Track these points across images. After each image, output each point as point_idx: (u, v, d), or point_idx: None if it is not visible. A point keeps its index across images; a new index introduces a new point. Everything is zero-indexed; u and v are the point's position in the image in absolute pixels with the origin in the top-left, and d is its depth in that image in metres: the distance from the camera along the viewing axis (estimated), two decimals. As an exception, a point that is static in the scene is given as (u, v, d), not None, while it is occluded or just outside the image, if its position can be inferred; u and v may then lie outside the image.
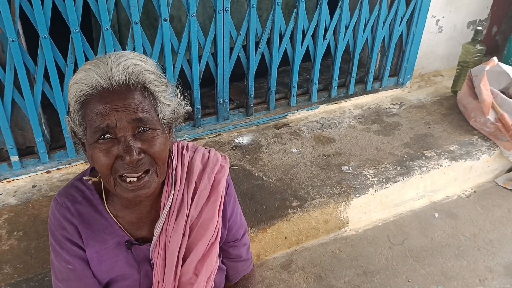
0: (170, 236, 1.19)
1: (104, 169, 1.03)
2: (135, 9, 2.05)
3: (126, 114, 0.99)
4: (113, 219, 1.18)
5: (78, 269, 1.16)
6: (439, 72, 3.34)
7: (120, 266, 1.20)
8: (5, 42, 1.91)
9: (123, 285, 1.22)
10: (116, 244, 1.18)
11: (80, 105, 1.01)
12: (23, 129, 2.15)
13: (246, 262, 1.44)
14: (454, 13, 3.11)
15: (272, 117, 2.71)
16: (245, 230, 1.40)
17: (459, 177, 2.54)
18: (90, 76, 0.99)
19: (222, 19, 2.26)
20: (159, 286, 1.21)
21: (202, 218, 1.22)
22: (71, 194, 1.17)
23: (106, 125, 0.99)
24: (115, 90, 0.99)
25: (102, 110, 0.98)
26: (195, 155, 1.25)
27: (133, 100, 1.00)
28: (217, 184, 1.23)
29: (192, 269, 1.22)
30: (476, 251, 2.22)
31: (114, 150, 1.01)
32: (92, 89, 0.99)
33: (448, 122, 2.79)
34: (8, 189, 2.16)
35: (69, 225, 1.15)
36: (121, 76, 0.99)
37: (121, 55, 1.02)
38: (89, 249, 1.17)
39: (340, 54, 2.73)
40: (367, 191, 2.25)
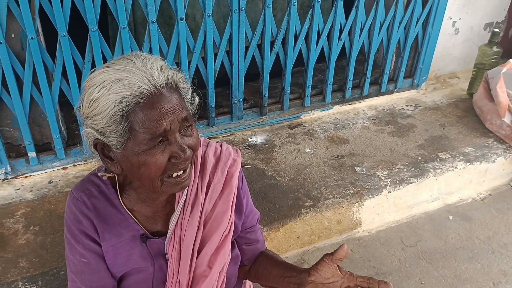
0: (185, 230, 1.20)
1: (157, 172, 1.03)
2: (152, 8, 2.07)
3: (176, 115, 1.00)
4: (128, 213, 1.19)
5: (92, 262, 1.18)
6: (455, 74, 3.31)
7: (135, 259, 1.21)
8: (24, 39, 1.95)
9: (137, 278, 1.23)
10: (131, 237, 1.20)
11: (126, 115, 0.98)
12: (41, 126, 2.19)
13: (262, 243, 1.46)
14: (471, 15, 3.08)
15: (286, 117, 2.71)
16: (258, 217, 1.43)
17: (474, 180, 2.52)
18: (131, 82, 0.96)
19: (237, 19, 2.28)
20: (174, 279, 1.22)
21: (216, 211, 1.23)
22: (87, 189, 1.18)
23: (163, 129, 0.98)
24: (161, 93, 0.98)
25: (156, 116, 0.98)
26: (207, 150, 1.27)
27: (177, 101, 1.01)
28: (230, 177, 1.25)
29: (206, 262, 1.23)
30: (490, 254, 2.20)
31: (166, 152, 1.02)
32: (139, 96, 0.97)
33: (464, 124, 2.77)
34: (25, 184, 2.20)
35: (85, 219, 1.16)
36: (161, 78, 0.99)
37: (145, 57, 1.01)
38: (105, 242, 1.18)
39: (355, 55, 2.72)
40: (381, 192, 2.24)
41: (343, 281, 1.09)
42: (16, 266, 1.80)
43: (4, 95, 2.01)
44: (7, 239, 1.91)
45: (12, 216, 2.03)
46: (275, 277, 1.30)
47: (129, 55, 1.02)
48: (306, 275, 1.14)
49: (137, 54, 1.03)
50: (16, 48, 1.96)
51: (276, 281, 1.29)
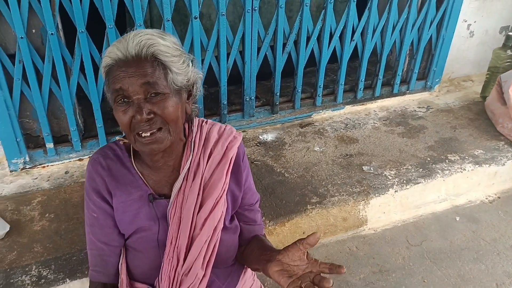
0: (187, 195, 1.32)
1: (124, 127, 1.20)
2: (167, 7, 2.14)
3: (136, 79, 1.14)
4: (138, 175, 1.32)
5: (100, 218, 1.32)
6: (470, 77, 3.31)
7: (141, 218, 1.33)
8: (44, 35, 2.04)
9: (142, 236, 1.34)
10: (140, 197, 1.32)
11: (105, 74, 1.19)
12: (59, 118, 2.28)
13: (260, 227, 1.54)
14: (486, 18, 3.08)
15: (297, 115, 2.76)
16: (257, 199, 1.52)
17: (482, 182, 2.52)
18: (113, 50, 1.16)
19: (250, 18, 2.33)
20: (172, 245, 1.32)
21: (213, 179, 1.35)
22: (104, 151, 1.33)
23: (119, 87, 1.14)
24: (129, 60, 1.14)
25: (118, 76, 1.14)
26: (213, 127, 1.40)
27: (143, 68, 1.15)
28: (228, 150, 1.37)
29: (200, 225, 1.34)
30: (495, 256, 2.20)
31: (130, 111, 1.17)
32: (112, 60, 1.16)
33: (475, 127, 2.77)
34: (43, 174, 2.29)
35: (98, 177, 1.30)
36: (134, 49, 1.14)
37: (140, 32, 1.17)
38: (116, 199, 1.31)
39: (367, 56, 2.75)
40: (387, 191, 2.27)
41: (307, 266, 1.14)
42: (31, 250, 1.88)
43: (24, 88, 2.10)
44: (24, 225, 2.00)
45: (29, 203, 2.12)
46: (255, 256, 1.37)
47: (140, 29, 1.19)
48: (276, 254, 1.20)
49: (145, 29, 1.19)
50: (37, 43, 2.05)
51: (255, 260, 1.36)
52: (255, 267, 1.38)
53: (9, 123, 2.13)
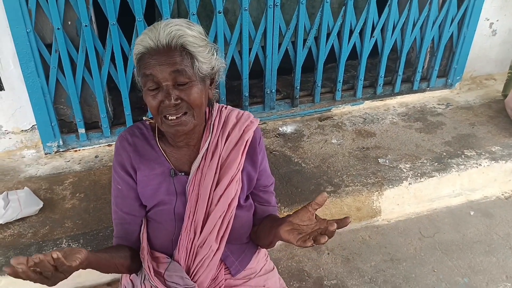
0: (205, 173, 1.43)
1: (153, 110, 1.30)
2: (193, 1, 2.27)
3: (166, 67, 1.24)
4: (161, 152, 1.44)
5: (124, 190, 1.44)
6: (492, 76, 3.32)
7: (162, 192, 1.44)
8: (79, 26, 2.19)
9: (161, 209, 1.45)
10: (161, 172, 1.43)
11: (137, 60, 1.29)
12: (90, 105, 2.43)
13: (274, 209, 1.63)
14: (509, 17, 3.09)
15: (317, 109, 2.84)
16: (272, 182, 1.61)
17: (499, 178, 2.55)
18: (145, 39, 1.26)
19: (272, 14, 2.43)
20: (190, 219, 1.44)
21: (229, 159, 1.45)
22: (132, 130, 1.46)
23: (150, 73, 1.25)
24: (160, 49, 1.24)
25: (150, 63, 1.25)
26: (231, 112, 1.50)
27: (173, 58, 1.24)
28: (245, 133, 1.47)
29: (216, 201, 1.44)
30: (507, 249, 2.23)
31: (159, 96, 1.27)
32: (144, 48, 1.26)
33: (494, 124, 2.79)
34: (75, 157, 2.45)
35: (124, 152, 1.42)
36: (165, 38, 1.24)
37: (170, 22, 1.27)
38: (140, 172, 1.43)
39: (387, 52, 2.81)
40: (401, 183, 2.33)
41: (315, 224, 1.23)
42: (62, 226, 2.04)
43: (59, 75, 2.26)
44: (56, 203, 2.16)
45: (62, 184, 2.28)
46: (267, 228, 1.46)
47: (170, 19, 1.30)
48: (287, 218, 1.29)
49: (175, 19, 1.30)
50: (72, 34, 2.21)
51: (268, 231, 1.45)
52: (268, 240, 1.47)
53: (45, 109, 2.29)
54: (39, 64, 2.18)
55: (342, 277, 2.08)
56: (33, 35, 2.11)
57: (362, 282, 2.06)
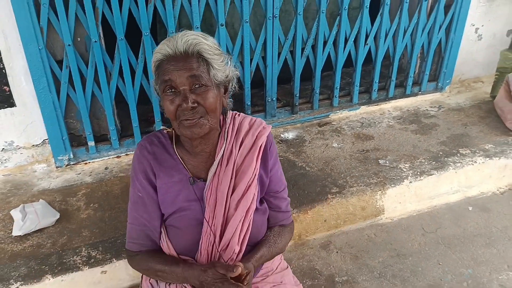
0: (221, 179, 1.50)
1: (170, 114, 1.38)
2: (197, 15, 2.37)
3: (184, 72, 1.33)
4: (179, 160, 1.51)
5: (144, 197, 1.50)
6: (479, 79, 3.47)
7: (181, 199, 1.50)
8: (88, 42, 2.27)
9: (181, 214, 1.52)
10: (180, 180, 1.50)
11: (156, 67, 1.38)
12: (99, 119, 2.50)
13: (285, 214, 1.68)
14: (494, 22, 3.25)
15: (316, 115, 2.95)
16: (284, 187, 1.67)
17: (493, 175, 2.67)
18: (163, 47, 1.35)
19: (272, 25, 2.54)
20: (209, 223, 1.50)
21: (244, 165, 1.52)
22: (150, 138, 1.53)
23: (169, 78, 1.33)
24: (178, 56, 1.34)
25: (168, 69, 1.34)
26: (244, 119, 1.58)
27: (190, 63, 1.33)
28: (258, 139, 1.54)
29: (234, 206, 1.51)
30: (506, 241, 2.34)
31: (177, 100, 1.36)
32: (163, 56, 1.35)
33: (485, 124, 2.93)
34: (85, 169, 2.51)
35: (144, 160, 1.49)
36: (182, 46, 1.33)
37: (186, 32, 1.37)
38: (160, 180, 1.49)
39: (380, 59, 2.94)
40: (402, 182, 2.43)
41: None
42: (79, 235, 2.09)
43: (70, 90, 2.33)
44: (71, 214, 2.21)
45: (75, 195, 2.33)
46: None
47: (187, 30, 1.39)
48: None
49: (191, 31, 1.39)
50: (81, 50, 2.29)
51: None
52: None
53: (57, 123, 2.35)
54: (51, 79, 2.25)
55: (352, 274, 2.16)
56: (45, 52, 2.19)
57: (372, 278, 2.14)
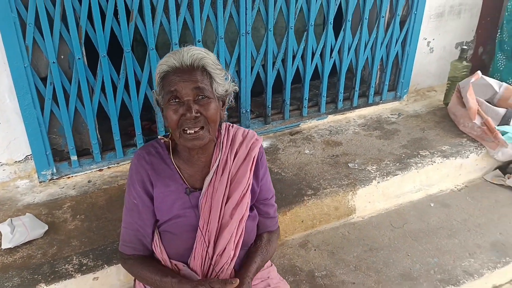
0: (217, 188, 1.60)
1: (173, 124, 1.47)
2: (175, 33, 2.51)
3: (189, 84, 1.43)
4: (176, 169, 1.59)
5: (139, 205, 1.59)
6: (433, 88, 3.77)
7: (177, 207, 1.59)
8: (71, 60, 2.36)
9: (177, 221, 1.60)
10: (176, 189, 1.59)
11: (161, 78, 1.47)
12: (81, 134, 2.58)
13: (272, 220, 1.81)
14: (443, 36, 3.56)
15: (287, 125, 3.13)
16: (273, 194, 1.79)
17: (451, 174, 2.92)
18: (169, 60, 1.45)
19: (245, 41, 2.72)
20: (204, 229, 1.59)
21: (238, 174, 1.63)
22: (148, 149, 1.61)
23: (174, 89, 1.43)
24: (184, 68, 1.43)
25: (174, 80, 1.43)
26: (238, 131, 1.69)
27: (195, 76, 1.44)
28: (251, 150, 1.65)
29: (229, 213, 1.61)
30: (466, 232, 2.57)
31: (180, 110, 1.45)
32: (169, 67, 1.44)
33: (441, 128, 3.20)
34: (68, 183, 2.57)
35: (142, 170, 1.57)
36: (188, 60, 1.44)
37: (191, 47, 1.48)
38: (157, 189, 1.58)
39: (344, 71, 3.16)
40: (371, 183, 2.64)
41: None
42: (69, 245, 2.15)
43: (53, 107, 2.40)
44: (59, 225, 2.27)
45: (60, 208, 2.39)
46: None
47: (191, 46, 1.50)
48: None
49: (195, 46, 1.51)
50: (65, 67, 2.38)
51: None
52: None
53: (40, 139, 2.41)
54: (35, 96, 2.32)
55: (330, 268, 2.32)
56: (30, 70, 2.26)
57: (348, 271, 2.31)
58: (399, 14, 3.14)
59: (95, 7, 2.28)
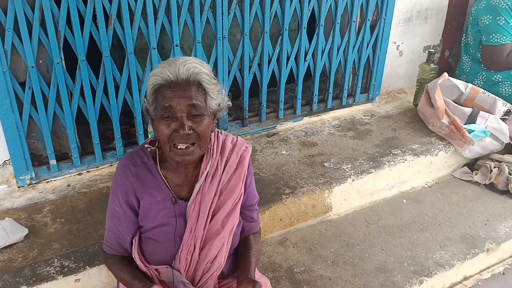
0: (205, 195, 1.61)
1: (164, 138, 1.45)
2: (153, 37, 2.56)
3: (184, 100, 1.40)
4: (162, 179, 1.59)
5: (120, 213, 1.59)
6: (403, 90, 3.91)
7: (162, 216, 1.60)
8: (50, 64, 2.38)
9: (162, 229, 1.62)
10: (162, 199, 1.59)
11: (154, 90, 1.43)
12: (60, 138, 2.59)
13: (256, 223, 1.86)
14: (411, 40, 3.71)
15: (264, 127, 3.20)
16: (257, 200, 1.84)
17: (422, 171, 3.04)
18: (164, 71, 1.41)
19: (222, 45, 2.78)
20: (191, 234, 1.61)
21: (230, 184, 1.64)
22: (133, 159, 1.60)
23: (169, 105, 1.41)
24: (179, 83, 1.40)
25: (168, 95, 1.40)
26: (227, 138, 1.69)
27: (191, 92, 1.40)
28: (243, 159, 1.67)
29: (220, 223, 1.63)
30: (437, 226, 2.69)
31: (173, 125, 1.43)
32: (164, 80, 1.41)
33: (411, 128, 3.33)
34: (47, 188, 2.57)
35: (127, 182, 1.57)
36: (184, 74, 1.41)
37: (187, 59, 1.45)
38: (143, 200, 1.58)
39: (318, 74, 3.26)
40: (346, 181, 2.73)
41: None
42: (50, 248, 2.16)
43: (32, 111, 2.41)
44: (39, 229, 2.28)
45: (40, 212, 2.39)
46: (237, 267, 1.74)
47: (186, 57, 1.48)
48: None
49: (190, 57, 1.48)
50: (43, 72, 2.39)
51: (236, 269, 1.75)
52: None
53: (19, 143, 2.41)
54: (14, 101, 2.33)
55: (309, 264, 2.39)
56: (8, 74, 2.27)
57: (326, 266, 2.39)
58: (369, 18, 3.27)
59: (73, 12, 2.30)
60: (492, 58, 3.33)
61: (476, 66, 3.49)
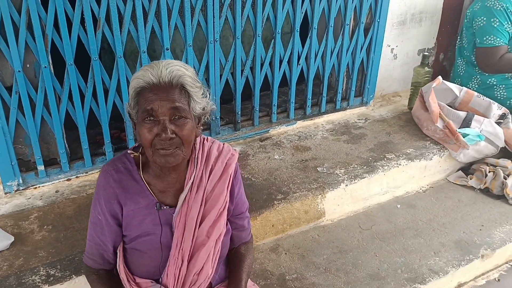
0: (191, 205, 1.56)
1: (147, 142, 1.41)
2: (143, 41, 2.52)
3: (166, 103, 1.36)
4: (146, 186, 1.55)
5: (102, 221, 1.55)
6: (397, 93, 3.88)
7: (147, 223, 1.55)
8: (37, 68, 2.34)
9: (147, 239, 1.57)
10: (146, 205, 1.55)
11: (136, 93, 1.40)
12: (48, 143, 2.54)
13: (247, 231, 1.81)
14: (406, 43, 3.68)
15: (257, 131, 3.16)
16: (247, 207, 1.79)
17: (416, 175, 3.01)
18: (146, 74, 1.37)
19: (213, 49, 2.75)
20: (178, 248, 1.56)
21: (215, 192, 1.59)
22: (116, 165, 1.55)
23: (151, 108, 1.37)
24: (162, 86, 1.36)
25: (150, 98, 1.36)
26: (213, 145, 1.64)
27: (173, 95, 1.37)
28: (228, 167, 1.62)
29: (205, 232, 1.58)
30: (431, 231, 2.65)
31: (155, 129, 1.39)
32: (146, 83, 1.37)
33: (405, 131, 3.29)
34: (35, 194, 2.53)
35: (110, 189, 1.52)
36: (167, 76, 1.37)
37: (170, 62, 1.42)
38: (126, 207, 1.54)
39: (312, 77, 3.23)
40: (339, 186, 2.69)
41: None
42: (36, 256, 2.11)
43: (19, 116, 2.36)
44: (25, 236, 2.23)
45: (27, 219, 2.35)
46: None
47: (170, 59, 1.46)
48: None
49: (173, 60, 1.45)
50: (31, 76, 2.34)
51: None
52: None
53: (6, 149, 2.37)
54: (0, 106, 2.29)
55: (301, 271, 2.35)
56: (-6, 79, 2.23)
57: (319, 273, 2.35)
58: (363, 22, 3.24)
59: (61, 15, 2.26)
60: (485, 59, 3.30)
61: (470, 69, 3.46)
